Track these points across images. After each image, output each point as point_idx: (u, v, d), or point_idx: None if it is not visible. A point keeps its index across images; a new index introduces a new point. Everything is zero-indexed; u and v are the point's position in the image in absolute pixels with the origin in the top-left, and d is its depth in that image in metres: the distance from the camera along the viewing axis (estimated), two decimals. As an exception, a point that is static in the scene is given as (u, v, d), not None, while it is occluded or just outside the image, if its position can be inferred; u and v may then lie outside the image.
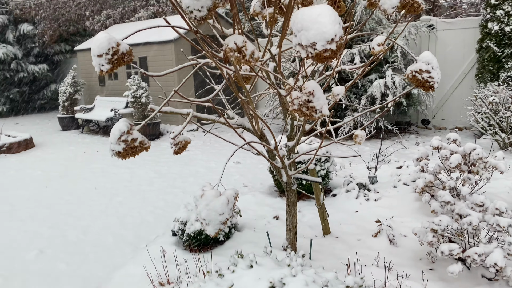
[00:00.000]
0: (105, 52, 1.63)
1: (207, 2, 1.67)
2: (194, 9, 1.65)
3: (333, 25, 1.42)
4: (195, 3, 1.65)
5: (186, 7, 1.66)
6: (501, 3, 6.30)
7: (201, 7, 1.66)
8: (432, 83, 2.23)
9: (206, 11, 1.68)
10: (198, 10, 1.66)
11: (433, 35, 7.69)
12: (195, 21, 1.70)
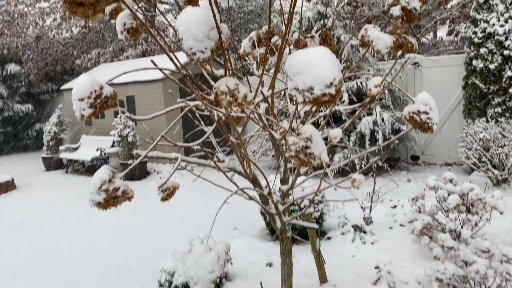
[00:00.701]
0: (87, 95, 1.52)
1: (210, 44, 1.58)
2: (197, 50, 1.56)
3: (331, 69, 1.33)
4: (199, 44, 1.55)
5: (189, 49, 1.57)
6: (484, 41, 6.43)
7: (205, 49, 1.56)
8: (431, 124, 2.14)
9: (209, 53, 1.59)
10: (202, 52, 1.57)
11: (418, 72, 7.79)
12: (197, 63, 1.61)
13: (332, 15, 8.12)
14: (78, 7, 1.25)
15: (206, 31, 1.57)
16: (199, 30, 1.56)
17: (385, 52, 2.37)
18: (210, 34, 1.58)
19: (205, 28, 1.58)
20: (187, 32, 1.58)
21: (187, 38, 1.57)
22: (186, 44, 1.58)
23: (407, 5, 2.33)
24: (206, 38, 1.57)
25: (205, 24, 1.58)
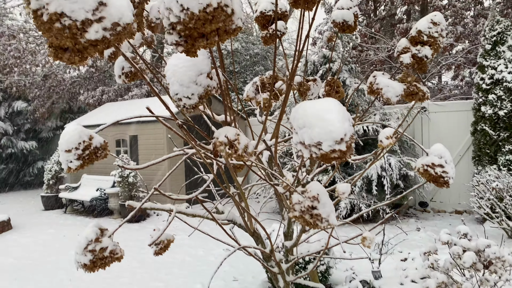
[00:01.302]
0: (75, 146, 1.38)
1: (198, 89, 1.46)
2: (183, 96, 1.43)
3: (342, 123, 1.18)
4: (184, 90, 1.43)
5: (174, 94, 1.44)
6: (492, 88, 6.35)
7: (191, 94, 1.44)
8: (447, 178, 1.97)
9: (197, 99, 1.46)
10: (188, 98, 1.44)
11: (425, 117, 7.69)
12: (184, 110, 1.47)
13: (338, 59, 8.15)
14: (64, 52, 1.13)
15: (193, 76, 1.46)
16: (186, 75, 1.45)
17: (395, 101, 2.25)
18: (198, 80, 1.46)
19: (192, 73, 1.46)
20: (173, 77, 1.47)
21: (172, 83, 1.46)
22: (171, 90, 1.46)
23: (418, 53, 2.22)
24: (193, 83, 1.46)
25: (193, 69, 1.47)
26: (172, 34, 1.19)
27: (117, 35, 1.17)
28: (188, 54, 1.23)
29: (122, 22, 1.15)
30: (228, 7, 1.16)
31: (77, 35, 1.11)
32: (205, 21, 1.13)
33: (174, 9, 1.11)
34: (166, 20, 1.18)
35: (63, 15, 1.07)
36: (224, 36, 1.22)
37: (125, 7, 1.17)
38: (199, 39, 1.20)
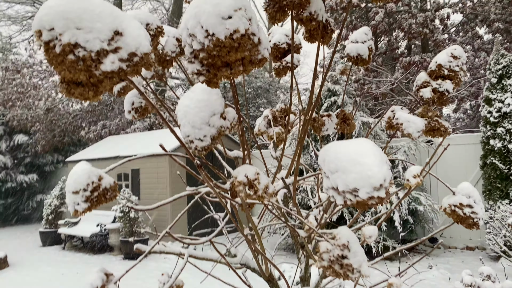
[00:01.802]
0: (83, 188, 1.25)
1: (211, 131, 1.35)
2: (195, 138, 1.33)
3: (380, 167, 1.06)
4: (196, 132, 1.32)
5: (185, 136, 1.34)
6: (500, 121, 6.28)
7: (203, 136, 1.33)
8: (476, 219, 1.82)
9: (209, 141, 1.35)
10: (200, 140, 1.33)
11: (432, 150, 7.58)
12: (195, 152, 1.37)
13: (341, 93, 8.13)
14: (77, 87, 1.03)
15: (206, 117, 1.36)
16: (198, 116, 1.35)
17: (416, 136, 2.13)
18: (211, 121, 1.36)
19: (205, 114, 1.36)
20: (185, 119, 1.37)
21: (184, 125, 1.36)
22: (182, 131, 1.36)
23: (439, 87, 2.13)
24: (206, 125, 1.35)
25: (205, 109, 1.37)
26: (194, 63, 1.09)
27: (134, 66, 1.06)
28: (209, 85, 1.13)
29: (139, 52, 1.05)
30: (255, 35, 1.06)
31: (92, 67, 1.00)
32: (230, 49, 1.03)
33: (198, 35, 1.01)
34: (188, 48, 1.08)
35: (77, 46, 0.97)
36: (249, 67, 1.12)
37: (142, 37, 1.07)
38: (223, 69, 1.10)
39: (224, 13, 0.97)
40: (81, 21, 0.98)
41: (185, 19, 1.05)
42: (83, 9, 0.99)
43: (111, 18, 1.04)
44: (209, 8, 0.98)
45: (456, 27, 13.04)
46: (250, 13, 1.06)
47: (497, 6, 11.56)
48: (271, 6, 1.53)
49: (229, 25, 0.98)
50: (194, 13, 1.01)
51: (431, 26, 11.02)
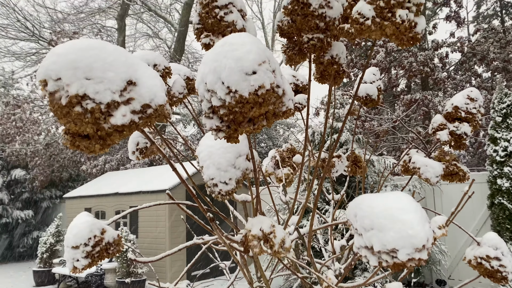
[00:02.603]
0: (84, 242, 1.15)
1: (236, 174, 1.26)
2: (219, 181, 1.23)
3: (422, 226, 0.96)
4: (222, 174, 1.23)
5: (210, 179, 1.24)
6: (507, 160, 6.20)
7: (229, 179, 1.24)
8: (505, 273, 1.70)
9: (234, 184, 1.25)
10: (225, 183, 1.24)
11: (437, 189, 7.46)
12: (218, 196, 1.27)
13: (344, 130, 8.10)
14: (83, 140, 0.93)
15: (231, 158, 1.26)
16: (224, 158, 1.25)
17: (435, 182, 2.03)
18: (237, 162, 1.26)
19: (231, 155, 1.27)
20: (209, 160, 1.26)
21: (208, 167, 1.25)
22: (206, 174, 1.25)
23: (456, 130, 2.04)
24: (232, 167, 1.25)
25: (231, 150, 1.27)
26: (212, 118, 1.00)
27: (147, 118, 0.97)
28: (229, 141, 1.03)
29: (154, 103, 0.96)
30: (280, 87, 0.97)
31: (101, 120, 0.90)
32: (254, 105, 0.94)
33: (219, 92, 0.91)
34: (206, 103, 0.98)
35: (85, 97, 0.87)
36: (272, 119, 1.03)
37: (158, 87, 0.98)
38: (244, 124, 1.00)
39: (248, 68, 0.89)
40: (91, 70, 0.89)
41: (203, 73, 0.96)
42: (94, 57, 0.90)
43: (124, 67, 0.95)
44: (231, 63, 0.89)
45: (455, 65, 13.21)
46: (274, 64, 0.97)
47: (495, 46, 11.75)
48: (290, 49, 1.46)
49: (254, 81, 0.89)
50: (213, 68, 0.92)
51: (431, 65, 11.14)
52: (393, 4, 1.13)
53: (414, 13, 1.15)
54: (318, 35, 1.38)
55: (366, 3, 1.16)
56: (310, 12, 1.31)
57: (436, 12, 16.00)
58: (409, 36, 1.18)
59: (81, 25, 14.41)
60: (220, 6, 1.41)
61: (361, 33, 1.21)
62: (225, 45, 0.96)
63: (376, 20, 1.15)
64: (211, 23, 1.44)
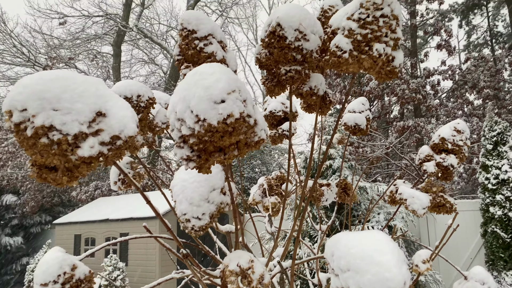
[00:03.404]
0: (54, 279, 1.11)
1: (210, 208, 1.23)
2: (192, 217, 1.20)
3: (399, 268, 0.94)
4: (194, 209, 1.20)
5: (182, 214, 1.21)
6: (499, 188, 6.19)
7: (202, 214, 1.21)
8: (494, 309, 1.66)
9: (208, 219, 1.22)
10: (198, 219, 1.21)
11: (431, 217, 7.41)
12: (191, 232, 1.23)
13: (337, 156, 8.10)
14: (50, 172, 0.91)
15: (205, 192, 1.23)
16: (197, 192, 1.23)
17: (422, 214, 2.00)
18: (211, 197, 1.24)
19: (205, 189, 1.24)
20: (182, 194, 1.24)
21: (180, 201, 1.23)
22: (179, 209, 1.23)
23: (443, 161, 2.03)
24: (205, 201, 1.23)
25: (205, 184, 1.25)
26: (183, 148, 0.98)
27: (117, 149, 0.95)
28: (200, 171, 1.00)
29: (123, 135, 0.94)
30: (251, 117, 0.95)
31: (68, 151, 0.88)
32: (224, 134, 0.92)
33: (188, 120, 0.90)
34: (176, 133, 0.96)
35: (52, 129, 0.85)
36: (245, 150, 1.01)
37: (128, 118, 0.96)
38: (215, 154, 0.98)
39: (217, 97, 0.87)
40: (59, 101, 0.87)
41: (173, 101, 0.95)
42: (63, 88, 0.89)
43: (94, 98, 0.93)
44: (200, 91, 0.88)
45: (447, 92, 13.39)
46: (245, 94, 0.96)
47: (485, 74, 11.95)
48: (269, 80, 1.46)
49: (223, 109, 0.87)
50: (183, 96, 0.91)
51: (423, 92, 11.29)
52: (370, 38, 1.13)
53: (392, 47, 1.15)
54: (295, 67, 1.38)
55: (343, 37, 1.17)
56: (286, 45, 1.31)
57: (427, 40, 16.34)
58: (386, 69, 1.19)
59: (77, 51, 14.54)
60: (200, 37, 1.42)
61: (339, 66, 1.21)
62: (196, 74, 0.95)
63: (353, 53, 1.15)
64: (191, 54, 1.44)
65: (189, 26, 1.36)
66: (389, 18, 1.07)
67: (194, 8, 16.31)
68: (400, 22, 1.11)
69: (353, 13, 1.10)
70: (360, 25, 1.09)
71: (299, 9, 1.30)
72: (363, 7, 1.08)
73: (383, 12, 1.06)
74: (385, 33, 1.10)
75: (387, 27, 1.09)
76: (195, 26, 1.38)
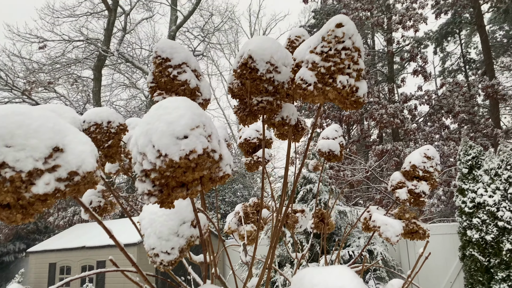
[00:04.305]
0: None
1: (179, 242, 1.20)
2: (161, 251, 1.18)
3: None
4: (163, 244, 1.18)
5: (150, 249, 1.18)
6: (475, 211, 6.27)
7: (171, 249, 1.18)
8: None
9: (177, 254, 1.20)
10: (167, 253, 1.18)
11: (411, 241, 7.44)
12: (160, 267, 1.20)
13: (317, 180, 8.12)
14: (3, 210, 0.88)
15: (174, 226, 1.21)
16: (166, 226, 1.21)
17: (395, 241, 2.00)
18: (180, 230, 1.21)
19: (174, 222, 1.22)
20: (150, 228, 1.22)
21: (148, 235, 1.21)
22: (147, 243, 1.20)
23: (415, 188, 2.05)
24: (174, 235, 1.21)
25: (175, 217, 1.23)
26: (145, 182, 0.96)
27: (75, 185, 0.92)
28: (162, 206, 0.99)
29: (81, 170, 0.92)
30: (216, 152, 0.94)
31: (21, 188, 0.86)
32: (186, 169, 0.91)
33: (149, 155, 0.88)
34: (138, 166, 0.95)
35: (4, 166, 0.83)
36: (209, 185, 1.00)
37: (87, 153, 0.94)
38: (178, 189, 0.96)
39: (179, 132, 0.87)
40: (12, 137, 0.85)
41: (136, 135, 0.94)
42: (17, 124, 0.87)
43: (51, 133, 0.91)
44: (163, 126, 0.87)
45: (424, 117, 13.68)
46: (210, 129, 0.96)
47: (460, 99, 12.29)
48: (241, 110, 1.47)
49: (185, 145, 0.86)
50: (145, 130, 0.90)
51: (401, 117, 11.51)
52: (333, 70, 1.15)
53: (355, 78, 1.17)
54: (267, 98, 1.39)
55: (307, 70, 1.18)
56: (258, 77, 1.32)
57: (404, 66, 16.78)
58: (351, 100, 1.20)
59: (57, 75, 14.42)
60: (173, 65, 1.42)
61: (305, 98, 1.22)
62: (160, 108, 0.95)
63: (318, 85, 1.17)
64: (164, 82, 1.44)
65: (163, 54, 1.37)
66: (351, 50, 1.09)
67: (176, 33, 16.44)
68: (362, 53, 1.13)
69: (315, 47, 1.12)
70: (323, 58, 1.10)
71: (271, 42, 1.32)
72: (325, 41, 1.10)
73: (345, 44, 1.08)
74: (347, 65, 1.12)
75: (350, 59, 1.11)
76: (169, 54, 1.39)
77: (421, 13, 12.60)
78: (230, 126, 21.63)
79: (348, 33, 1.07)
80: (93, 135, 1.52)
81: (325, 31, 1.09)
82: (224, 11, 21.81)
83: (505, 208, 5.97)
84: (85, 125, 1.52)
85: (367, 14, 12.99)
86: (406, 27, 12.52)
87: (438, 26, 17.81)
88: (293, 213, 2.57)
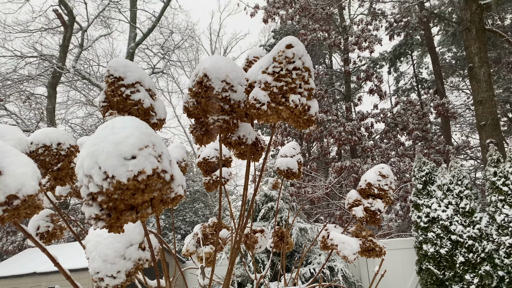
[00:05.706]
0: None
1: (126, 265, 1.15)
2: (106, 275, 1.12)
3: None
4: (108, 267, 1.12)
5: (95, 273, 1.13)
6: (430, 226, 6.48)
7: (116, 273, 1.13)
8: None
9: (123, 278, 1.14)
10: (113, 277, 1.12)
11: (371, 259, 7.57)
12: None
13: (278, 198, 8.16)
14: None
15: (121, 249, 1.16)
16: (111, 248, 1.15)
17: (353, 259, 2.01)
18: (127, 253, 1.17)
19: (121, 245, 1.17)
20: (95, 251, 1.17)
21: (93, 259, 1.15)
22: (91, 267, 1.15)
23: (371, 206, 2.09)
24: (121, 258, 1.16)
25: (121, 239, 1.18)
26: (92, 205, 0.92)
27: (14, 210, 0.87)
28: (111, 230, 0.94)
29: (21, 194, 0.87)
30: (167, 172, 0.92)
31: (-48, 215, 0.80)
32: (135, 191, 0.87)
33: (96, 177, 0.85)
34: (84, 189, 0.91)
35: None
36: (160, 207, 0.96)
37: (28, 175, 0.89)
38: (127, 212, 0.92)
39: (127, 153, 0.83)
40: None
41: (82, 156, 0.90)
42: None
43: (-12, 156, 0.86)
44: (109, 147, 0.84)
45: (380, 134, 14.14)
46: (160, 149, 0.93)
47: (413, 117, 12.80)
48: (197, 129, 1.44)
49: (133, 166, 0.83)
50: (91, 152, 0.86)
51: (358, 134, 11.83)
52: (285, 90, 1.15)
53: (307, 97, 1.18)
54: (223, 117, 1.38)
55: (260, 90, 1.18)
56: (214, 95, 1.31)
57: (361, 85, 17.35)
58: (304, 118, 1.21)
59: (8, 92, 13.81)
60: (126, 84, 1.38)
61: (259, 117, 1.22)
62: (106, 128, 0.91)
63: (271, 105, 1.17)
64: (116, 101, 1.40)
65: (115, 73, 1.33)
66: (301, 70, 1.11)
67: (135, 50, 16.23)
68: (312, 73, 1.15)
69: (267, 67, 1.12)
70: (275, 78, 1.11)
71: (226, 61, 1.31)
72: (276, 61, 1.11)
73: (295, 65, 1.09)
74: (299, 85, 1.13)
75: (300, 78, 1.12)
76: (122, 73, 1.35)
77: (375, 35, 13.14)
78: (191, 144, 21.40)
79: (298, 53, 1.09)
80: (42, 157, 1.45)
81: (276, 52, 1.10)
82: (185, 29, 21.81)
83: (457, 222, 6.21)
84: (33, 147, 1.45)
85: (324, 35, 13.40)
86: (362, 48, 13.00)
87: (392, 47, 18.63)
88: (252, 233, 2.55)
